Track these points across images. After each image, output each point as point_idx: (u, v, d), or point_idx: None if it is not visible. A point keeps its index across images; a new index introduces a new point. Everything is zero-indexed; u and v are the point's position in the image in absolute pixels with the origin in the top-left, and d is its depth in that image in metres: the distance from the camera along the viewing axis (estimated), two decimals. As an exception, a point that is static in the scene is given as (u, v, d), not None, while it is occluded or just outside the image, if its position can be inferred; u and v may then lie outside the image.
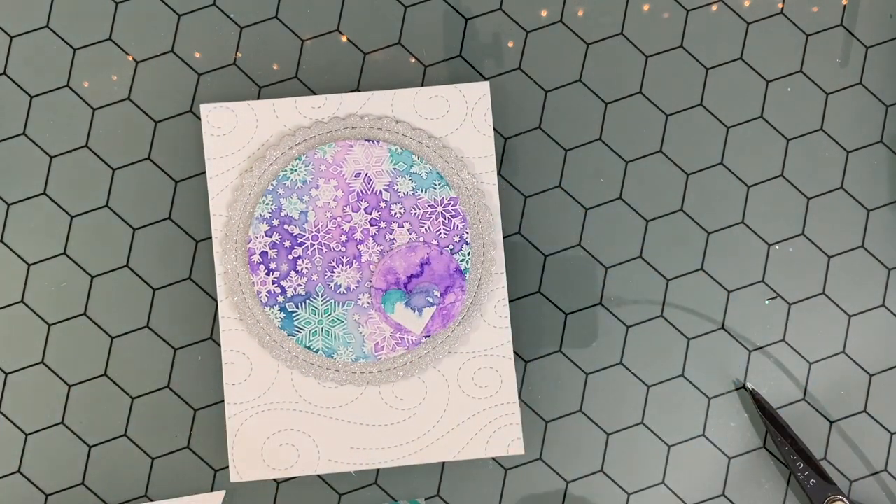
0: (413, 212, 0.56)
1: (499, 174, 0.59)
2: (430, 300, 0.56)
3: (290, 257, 0.56)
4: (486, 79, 0.59)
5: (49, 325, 0.57)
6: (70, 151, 0.58)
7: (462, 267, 0.56)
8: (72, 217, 0.58)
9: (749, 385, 0.58)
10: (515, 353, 0.58)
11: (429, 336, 0.56)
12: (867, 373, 0.59)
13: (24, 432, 0.57)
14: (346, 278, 0.56)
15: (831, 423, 0.59)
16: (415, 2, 0.59)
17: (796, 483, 0.58)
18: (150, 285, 0.58)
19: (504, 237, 0.58)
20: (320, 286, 0.56)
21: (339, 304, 0.56)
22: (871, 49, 0.60)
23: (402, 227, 0.56)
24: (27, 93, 0.58)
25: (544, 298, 0.58)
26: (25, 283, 0.57)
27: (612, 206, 0.59)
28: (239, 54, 0.59)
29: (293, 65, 0.59)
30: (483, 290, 0.56)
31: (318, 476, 0.57)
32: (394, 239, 0.56)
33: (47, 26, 0.59)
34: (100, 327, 0.57)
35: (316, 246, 0.56)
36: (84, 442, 0.57)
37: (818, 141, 0.60)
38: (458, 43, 0.59)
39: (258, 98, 0.58)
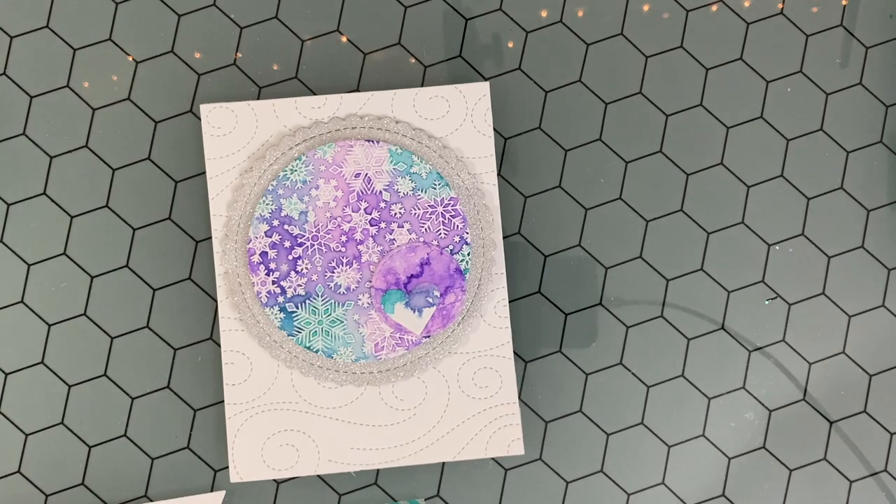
0: (413, 212, 0.56)
1: (499, 174, 0.59)
2: (430, 300, 0.56)
3: (290, 257, 0.56)
4: (486, 79, 0.59)
5: (49, 325, 0.57)
6: (70, 151, 0.58)
7: (462, 267, 0.56)
8: (72, 217, 0.58)
9: None
10: (515, 353, 0.58)
11: (429, 336, 0.56)
12: (867, 373, 0.59)
13: (24, 432, 0.57)
14: (346, 278, 0.56)
15: (831, 423, 0.59)
16: (415, 2, 0.59)
17: (796, 483, 0.58)
18: (150, 285, 0.58)
19: (504, 237, 0.58)
20: (320, 286, 0.56)
21: (339, 304, 0.56)
22: (871, 49, 0.60)
23: (402, 227, 0.56)
24: (27, 93, 0.58)
25: (544, 298, 0.58)
26: (25, 283, 0.57)
27: (612, 206, 0.59)
28: (239, 54, 0.59)
29: (293, 65, 0.59)
30: (483, 290, 0.56)
31: (318, 476, 0.57)
32: (394, 239, 0.56)
33: (47, 26, 0.59)
34: (100, 327, 0.57)
35: (316, 246, 0.56)
36: (84, 442, 0.57)
37: (818, 141, 0.60)
38: (458, 43, 0.59)
39: (258, 98, 0.58)
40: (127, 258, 0.58)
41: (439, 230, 0.56)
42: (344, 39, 0.59)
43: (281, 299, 0.56)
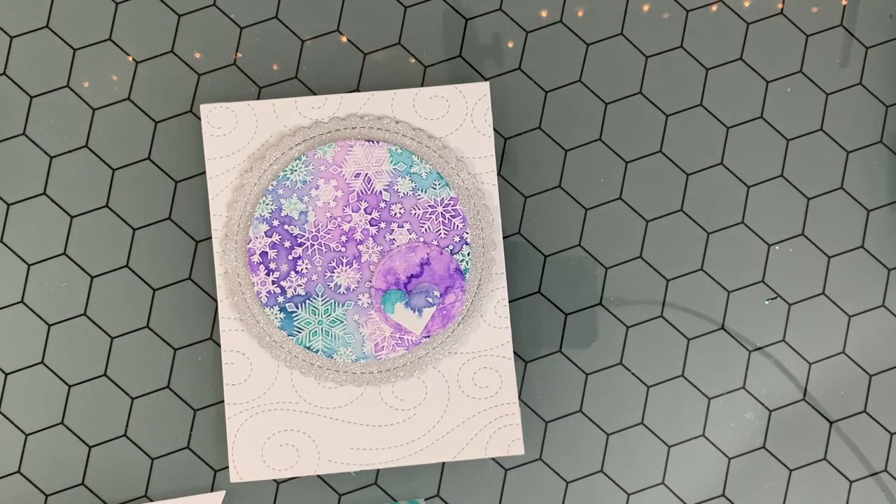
0: (413, 212, 0.56)
1: (499, 174, 0.59)
2: (430, 300, 0.56)
3: (290, 257, 0.56)
4: (486, 79, 0.59)
5: (49, 325, 0.57)
6: (70, 151, 0.58)
7: (462, 267, 0.56)
8: (72, 217, 0.58)
9: None
10: (515, 353, 0.58)
11: (429, 336, 0.56)
12: (867, 373, 0.59)
13: (24, 432, 0.57)
14: (346, 278, 0.56)
15: (831, 423, 0.59)
16: (415, 2, 0.59)
17: (796, 483, 0.58)
18: (150, 285, 0.58)
19: (504, 237, 0.58)
20: (320, 286, 0.56)
21: (339, 304, 0.56)
22: (871, 49, 0.60)
23: (402, 227, 0.56)
24: (27, 93, 0.58)
25: (544, 298, 0.58)
26: (25, 283, 0.57)
27: (612, 206, 0.59)
28: (239, 54, 0.59)
29: (293, 65, 0.59)
30: (483, 290, 0.56)
31: (318, 476, 0.57)
32: (394, 239, 0.56)
33: (47, 26, 0.59)
34: (100, 327, 0.57)
35: (316, 246, 0.56)
36: (84, 442, 0.57)
37: (818, 141, 0.60)
38: (458, 43, 0.59)
39: (258, 98, 0.58)
40: (127, 258, 0.58)
41: (439, 230, 0.56)
42: (344, 39, 0.59)
43: (281, 299, 0.56)
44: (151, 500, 0.57)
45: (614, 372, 0.58)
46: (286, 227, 0.56)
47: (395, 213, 0.56)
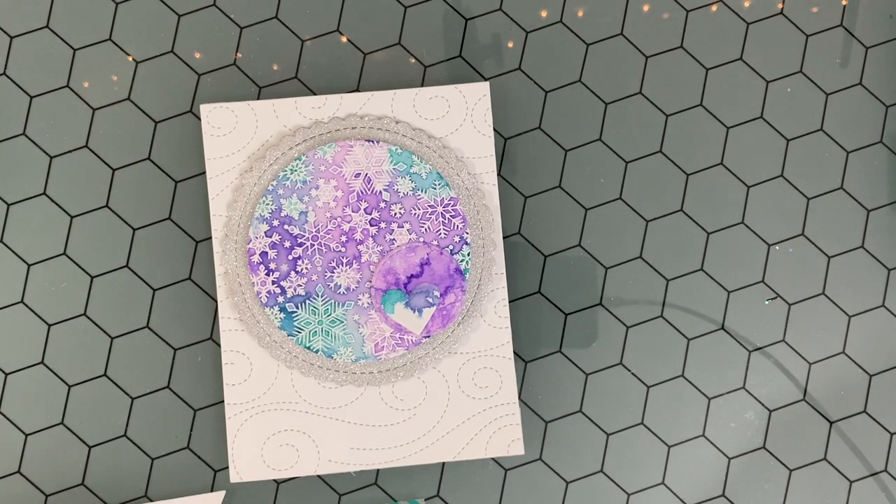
0: (413, 212, 0.56)
1: (499, 174, 0.59)
2: (430, 300, 0.56)
3: (290, 257, 0.56)
4: (486, 79, 0.59)
5: (49, 325, 0.57)
6: (70, 151, 0.58)
7: (462, 267, 0.56)
8: (72, 217, 0.58)
9: None
10: (515, 353, 0.58)
11: (429, 336, 0.56)
12: (867, 373, 0.59)
13: (24, 432, 0.57)
14: (346, 278, 0.56)
15: (831, 423, 0.59)
16: (415, 2, 0.59)
17: (796, 483, 0.58)
18: (150, 285, 0.58)
19: (504, 237, 0.58)
20: (320, 286, 0.56)
21: (339, 304, 0.56)
22: (871, 49, 0.60)
23: (402, 227, 0.56)
24: (27, 93, 0.58)
25: (544, 298, 0.58)
26: (25, 283, 0.57)
27: (612, 206, 0.59)
28: (239, 54, 0.59)
29: (293, 65, 0.59)
30: (483, 290, 0.56)
31: (318, 476, 0.57)
32: (394, 239, 0.56)
33: (47, 26, 0.59)
34: (100, 327, 0.57)
35: (316, 246, 0.56)
36: (84, 442, 0.57)
37: (818, 141, 0.60)
38: (458, 43, 0.59)
39: (258, 98, 0.58)
40: (127, 258, 0.58)
41: (439, 230, 0.56)
42: (344, 39, 0.59)
43: (281, 299, 0.56)
44: (151, 500, 0.57)
45: (614, 372, 0.58)
46: (286, 227, 0.56)
47: (395, 213, 0.56)
